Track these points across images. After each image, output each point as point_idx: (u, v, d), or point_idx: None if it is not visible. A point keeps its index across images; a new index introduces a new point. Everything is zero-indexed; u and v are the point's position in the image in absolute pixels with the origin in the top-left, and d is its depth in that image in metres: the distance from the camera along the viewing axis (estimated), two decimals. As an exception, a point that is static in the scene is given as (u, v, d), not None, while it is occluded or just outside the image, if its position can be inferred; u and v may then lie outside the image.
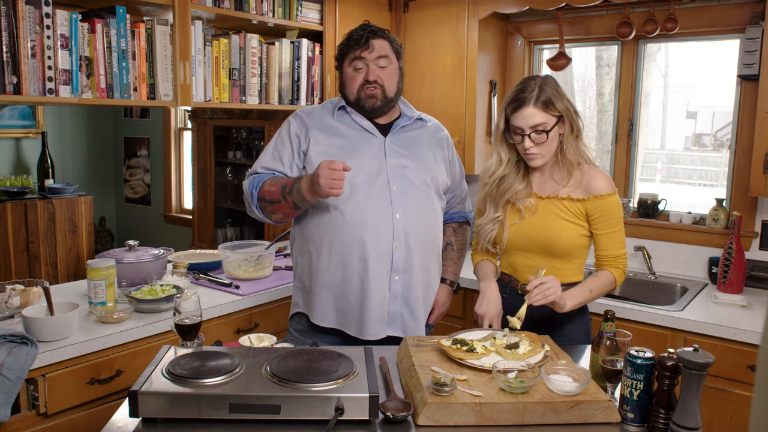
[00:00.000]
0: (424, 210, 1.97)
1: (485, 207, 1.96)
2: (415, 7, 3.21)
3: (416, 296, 1.96)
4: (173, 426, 1.30)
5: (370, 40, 1.92)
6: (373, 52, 1.92)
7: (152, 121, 5.28)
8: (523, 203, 1.88)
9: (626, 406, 1.37)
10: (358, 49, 1.92)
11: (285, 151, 1.97)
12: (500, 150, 1.90)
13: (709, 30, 2.76)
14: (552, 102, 1.78)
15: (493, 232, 1.92)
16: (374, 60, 1.93)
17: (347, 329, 1.93)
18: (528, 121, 1.78)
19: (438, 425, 1.32)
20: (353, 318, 1.91)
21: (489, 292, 1.90)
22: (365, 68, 1.93)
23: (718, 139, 3.48)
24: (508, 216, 1.91)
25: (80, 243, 4.33)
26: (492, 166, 1.92)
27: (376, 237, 1.88)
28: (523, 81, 1.83)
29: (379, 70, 1.93)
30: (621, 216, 1.87)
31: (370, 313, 1.89)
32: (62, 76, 2.06)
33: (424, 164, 2.01)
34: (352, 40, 1.94)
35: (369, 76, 1.92)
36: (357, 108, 1.97)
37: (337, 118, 1.99)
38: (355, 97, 1.95)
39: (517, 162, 1.90)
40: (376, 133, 1.97)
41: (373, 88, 1.92)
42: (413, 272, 1.94)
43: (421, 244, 1.95)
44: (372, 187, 1.90)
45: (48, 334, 1.84)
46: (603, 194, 1.82)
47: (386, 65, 1.94)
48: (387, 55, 1.94)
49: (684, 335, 2.30)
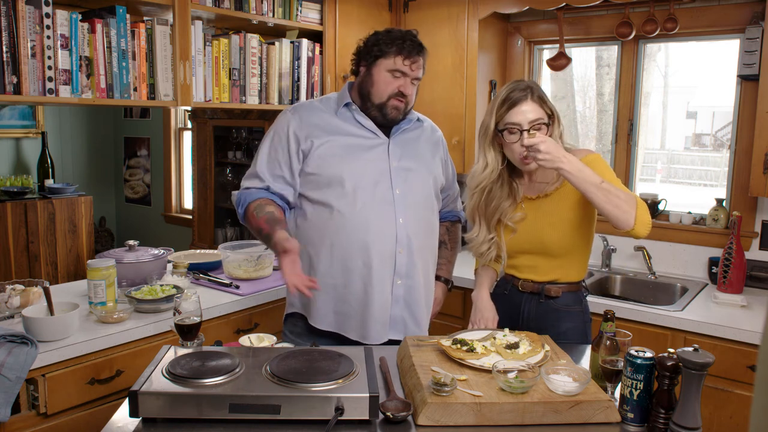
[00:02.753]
0: (425, 213, 1.97)
1: (475, 219, 1.93)
2: (415, 7, 3.21)
3: (418, 300, 1.95)
4: (173, 426, 1.30)
5: (420, 54, 1.88)
6: (418, 68, 1.89)
7: (152, 121, 5.28)
8: (512, 220, 1.86)
9: (626, 406, 1.37)
10: (407, 59, 1.86)
11: (282, 154, 1.92)
12: (487, 154, 1.85)
13: (709, 30, 2.76)
14: (544, 99, 1.81)
15: (492, 252, 1.90)
16: (414, 77, 1.90)
17: (347, 333, 1.91)
18: (527, 116, 1.77)
19: (438, 425, 1.32)
20: (354, 322, 1.90)
21: (480, 302, 1.91)
22: (403, 79, 1.88)
23: (718, 139, 3.48)
24: (503, 234, 1.89)
25: (80, 243, 4.33)
26: (477, 172, 1.88)
27: (380, 241, 1.86)
28: (511, 83, 1.83)
29: (412, 87, 1.91)
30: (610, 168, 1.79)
31: (373, 318, 1.88)
32: (62, 76, 2.06)
33: (425, 166, 2.00)
34: (403, 47, 1.85)
35: (406, 90, 1.89)
36: (377, 112, 1.91)
37: (339, 116, 1.95)
38: (381, 102, 1.89)
39: (501, 170, 1.86)
40: (380, 134, 1.94)
41: (401, 101, 1.90)
42: (415, 276, 1.93)
43: (422, 247, 1.94)
44: (375, 190, 1.87)
45: (48, 334, 1.84)
46: (582, 157, 1.76)
47: (417, 85, 1.93)
48: (420, 78, 1.93)
49: (684, 335, 2.30)
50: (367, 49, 1.91)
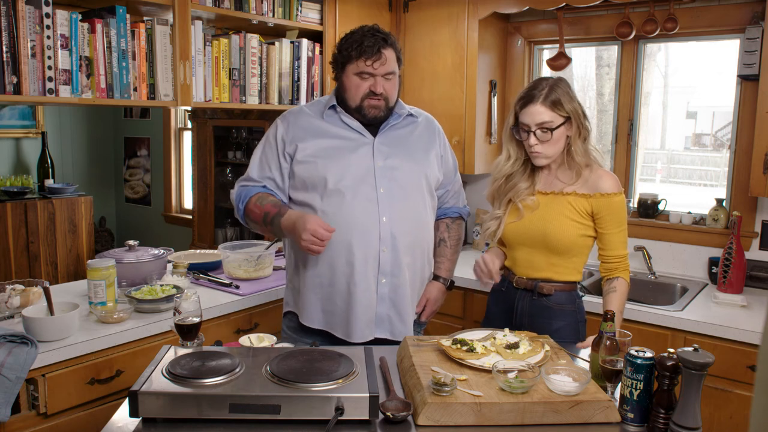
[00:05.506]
0: (412, 211, 1.96)
1: (493, 202, 2.00)
2: (415, 7, 3.21)
3: (404, 298, 1.95)
4: (173, 426, 1.30)
5: (382, 50, 1.87)
6: (384, 65, 1.88)
7: (152, 121, 5.28)
8: (523, 202, 1.90)
9: (626, 406, 1.37)
10: (369, 59, 1.86)
11: (272, 157, 1.97)
12: (509, 146, 1.93)
13: (709, 30, 2.76)
14: (560, 102, 1.80)
15: (491, 228, 1.95)
16: (383, 74, 1.89)
17: (334, 331, 1.93)
18: (535, 118, 1.80)
19: (438, 425, 1.32)
20: (340, 320, 1.92)
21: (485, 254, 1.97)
22: (372, 79, 1.89)
23: (718, 139, 3.47)
24: (508, 214, 1.93)
25: (80, 243, 4.33)
26: (501, 162, 1.95)
27: (363, 240, 1.87)
28: (536, 80, 1.88)
29: (385, 82, 1.90)
30: (626, 217, 1.89)
31: (357, 316, 1.89)
32: (62, 76, 2.06)
33: (415, 163, 1.98)
34: (361, 49, 1.85)
35: (376, 89, 1.89)
36: (357, 115, 1.93)
37: (326, 118, 1.96)
38: (357, 105, 1.91)
39: (525, 160, 1.92)
40: (366, 133, 1.95)
41: (377, 99, 1.90)
42: (401, 275, 1.93)
43: (409, 245, 1.93)
44: (358, 189, 1.88)
45: (48, 334, 1.84)
46: (610, 192, 1.83)
47: (392, 78, 1.92)
48: (393, 71, 1.92)
49: (684, 335, 2.30)
50: (335, 57, 1.95)
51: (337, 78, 1.97)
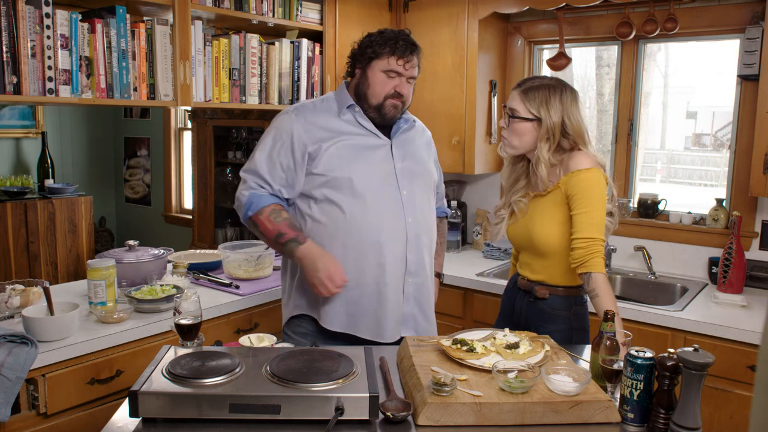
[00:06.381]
0: (428, 211, 2.02)
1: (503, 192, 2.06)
2: (415, 7, 3.20)
3: (427, 296, 2.02)
4: (173, 426, 1.30)
5: (413, 54, 1.90)
6: (413, 67, 1.92)
7: (152, 121, 5.28)
8: (517, 205, 1.93)
9: (626, 406, 1.37)
10: (400, 59, 1.88)
11: (285, 156, 1.90)
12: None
13: (709, 30, 2.76)
14: (534, 100, 1.83)
15: (501, 228, 1.99)
16: (409, 76, 1.92)
17: (360, 333, 1.92)
18: (509, 101, 1.89)
19: (438, 425, 1.32)
20: (368, 322, 1.92)
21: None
22: (398, 79, 1.90)
23: (718, 139, 3.47)
24: (508, 215, 1.97)
25: (80, 243, 4.33)
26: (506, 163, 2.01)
27: (392, 241, 1.90)
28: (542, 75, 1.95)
29: (408, 85, 1.93)
30: (600, 197, 1.76)
31: (387, 316, 1.91)
32: (62, 76, 2.06)
33: (424, 165, 2.05)
34: (396, 47, 1.87)
35: (402, 90, 1.91)
36: (375, 113, 1.93)
37: (342, 117, 1.95)
38: (378, 103, 1.91)
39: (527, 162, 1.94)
40: (382, 135, 1.96)
41: (398, 100, 1.92)
42: (423, 273, 1.98)
43: (428, 245, 2.00)
44: (384, 191, 1.90)
45: (48, 334, 1.84)
46: (580, 169, 1.77)
47: (413, 83, 1.96)
48: (415, 77, 1.96)
49: (684, 335, 2.30)
50: (361, 51, 1.93)
51: (354, 74, 1.97)
